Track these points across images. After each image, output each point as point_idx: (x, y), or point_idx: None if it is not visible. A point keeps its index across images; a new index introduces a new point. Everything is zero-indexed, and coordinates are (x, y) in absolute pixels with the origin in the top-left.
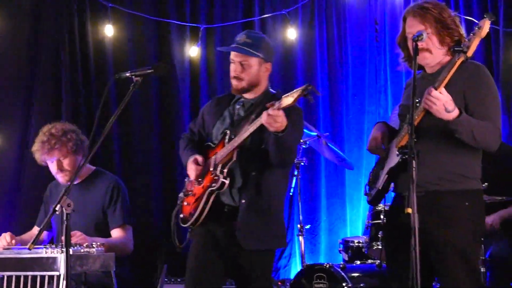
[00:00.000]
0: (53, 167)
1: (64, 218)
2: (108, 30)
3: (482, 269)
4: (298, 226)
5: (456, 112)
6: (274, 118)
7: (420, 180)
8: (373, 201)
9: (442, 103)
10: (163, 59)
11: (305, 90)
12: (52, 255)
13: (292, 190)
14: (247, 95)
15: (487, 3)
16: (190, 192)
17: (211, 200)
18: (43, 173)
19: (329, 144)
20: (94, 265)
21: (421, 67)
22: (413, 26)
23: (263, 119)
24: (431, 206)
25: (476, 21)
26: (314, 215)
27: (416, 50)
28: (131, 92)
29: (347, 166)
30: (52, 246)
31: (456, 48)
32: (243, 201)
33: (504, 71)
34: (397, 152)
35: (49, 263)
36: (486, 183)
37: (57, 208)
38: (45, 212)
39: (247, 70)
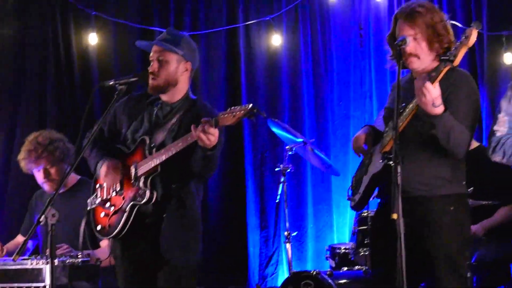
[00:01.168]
0: (39, 176)
1: (49, 228)
2: (92, 39)
3: (469, 274)
4: (285, 233)
5: (441, 108)
6: (208, 137)
7: (405, 185)
8: (356, 206)
9: (432, 97)
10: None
11: (249, 113)
12: (38, 266)
13: (278, 197)
14: (165, 97)
15: (470, 7)
16: (107, 202)
17: (134, 213)
18: (28, 182)
19: (315, 150)
20: (80, 276)
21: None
22: (403, 30)
23: (197, 134)
24: (416, 211)
25: (460, 25)
26: (301, 222)
27: (399, 55)
28: (115, 101)
29: (333, 172)
30: (38, 257)
31: (443, 57)
32: (165, 214)
33: (488, 75)
34: (381, 158)
35: (35, 274)
36: (471, 188)
37: (41, 219)
38: (30, 221)
39: (164, 66)
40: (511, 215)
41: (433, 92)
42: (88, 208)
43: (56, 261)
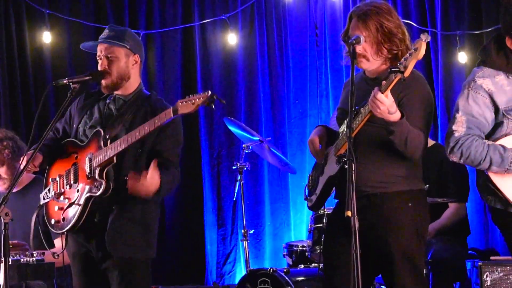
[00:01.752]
0: None
1: (2, 227)
2: (46, 37)
3: (425, 271)
4: (242, 231)
5: (398, 115)
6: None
7: (363, 184)
8: (313, 207)
9: (387, 106)
10: None
11: (208, 100)
12: None
13: (235, 195)
14: (118, 92)
15: (425, 7)
16: (61, 196)
17: (89, 206)
18: None
19: (271, 148)
20: (34, 275)
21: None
22: (354, 30)
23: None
24: (375, 208)
25: (415, 25)
26: (258, 220)
27: (354, 54)
28: (69, 99)
29: (290, 170)
30: None
31: (393, 69)
32: (114, 206)
33: (443, 73)
34: (336, 161)
35: None
36: (427, 185)
37: None
38: None
39: (114, 62)
40: (456, 216)
41: (386, 102)
42: (41, 203)
43: (10, 261)
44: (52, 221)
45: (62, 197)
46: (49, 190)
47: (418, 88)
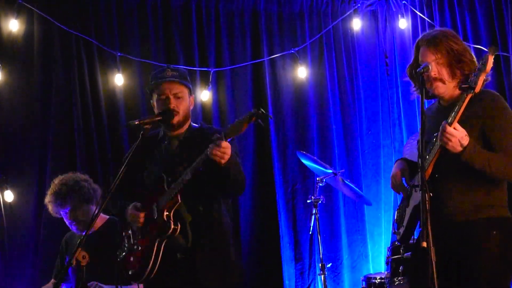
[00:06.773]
0: (66, 218)
1: (79, 270)
2: (118, 79)
3: None
4: (319, 265)
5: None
6: (222, 150)
7: (447, 213)
8: (402, 239)
9: (457, 139)
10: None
11: (253, 116)
12: None
13: (311, 229)
14: (174, 132)
15: (495, 31)
16: (134, 247)
17: (162, 248)
18: (60, 226)
19: (345, 181)
20: None
21: (435, 97)
22: (425, 55)
23: (211, 152)
24: (458, 235)
25: (485, 49)
26: (335, 253)
27: (423, 82)
28: (139, 140)
29: (365, 202)
30: None
31: (463, 86)
32: (198, 239)
33: None
34: (418, 189)
35: None
36: None
37: (72, 261)
38: (61, 264)
39: (182, 102)
40: None
41: (456, 134)
42: (119, 260)
43: None
44: (130, 272)
45: (136, 246)
46: (123, 246)
47: (498, 107)
